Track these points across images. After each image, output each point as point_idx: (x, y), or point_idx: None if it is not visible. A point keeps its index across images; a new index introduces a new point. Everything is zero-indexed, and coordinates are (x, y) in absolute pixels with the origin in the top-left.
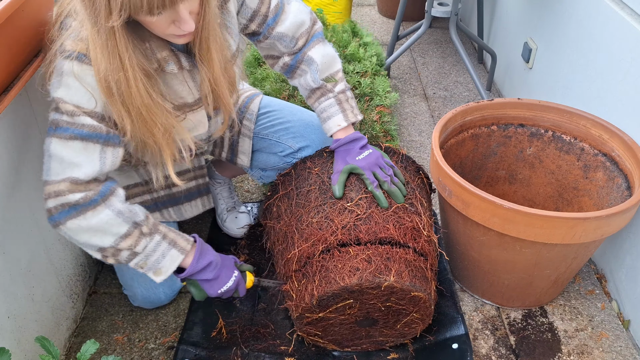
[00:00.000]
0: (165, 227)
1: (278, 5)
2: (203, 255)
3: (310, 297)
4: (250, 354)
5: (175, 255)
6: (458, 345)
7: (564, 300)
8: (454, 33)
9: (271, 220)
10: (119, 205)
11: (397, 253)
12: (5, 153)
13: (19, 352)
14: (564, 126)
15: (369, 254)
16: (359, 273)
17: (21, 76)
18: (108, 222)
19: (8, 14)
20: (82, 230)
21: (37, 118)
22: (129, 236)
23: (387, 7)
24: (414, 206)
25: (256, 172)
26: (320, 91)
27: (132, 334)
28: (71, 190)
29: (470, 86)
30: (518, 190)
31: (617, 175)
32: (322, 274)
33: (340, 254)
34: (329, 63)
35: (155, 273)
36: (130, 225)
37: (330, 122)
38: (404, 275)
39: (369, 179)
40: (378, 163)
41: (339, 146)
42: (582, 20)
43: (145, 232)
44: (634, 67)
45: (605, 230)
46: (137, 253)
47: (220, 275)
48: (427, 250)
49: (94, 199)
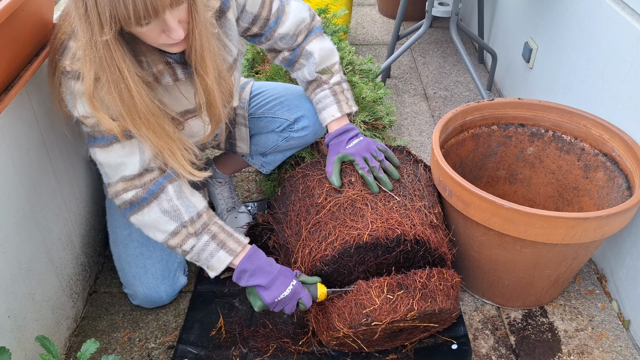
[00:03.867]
0: (218, 227)
1: (279, 9)
2: (252, 258)
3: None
4: (249, 354)
5: (223, 257)
6: (457, 345)
7: (564, 300)
8: (455, 33)
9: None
10: (166, 204)
11: (428, 277)
12: (5, 152)
13: (19, 351)
14: (565, 126)
15: (400, 283)
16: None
17: (22, 75)
18: (156, 220)
19: (9, 14)
20: (142, 225)
21: (37, 117)
22: (177, 234)
23: (387, 7)
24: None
25: (257, 160)
26: (316, 83)
27: (132, 333)
28: (125, 189)
29: (471, 86)
30: (518, 190)
31: (617, 175)
32: (354, 307)
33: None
34: (326, 56)
35: (209, 269)
36: (178, 224)
37: (325, 113)
38: (442, 301)
39: (359, 164)
40: (369, 149)
41: (331, 139)
42: (582, 20)
43: (192, 232)
44: (634, 67)
45: (606, 230)
46: (187, 251)
47: (275, 282)
48: (442, 252)
49: (144, 196)
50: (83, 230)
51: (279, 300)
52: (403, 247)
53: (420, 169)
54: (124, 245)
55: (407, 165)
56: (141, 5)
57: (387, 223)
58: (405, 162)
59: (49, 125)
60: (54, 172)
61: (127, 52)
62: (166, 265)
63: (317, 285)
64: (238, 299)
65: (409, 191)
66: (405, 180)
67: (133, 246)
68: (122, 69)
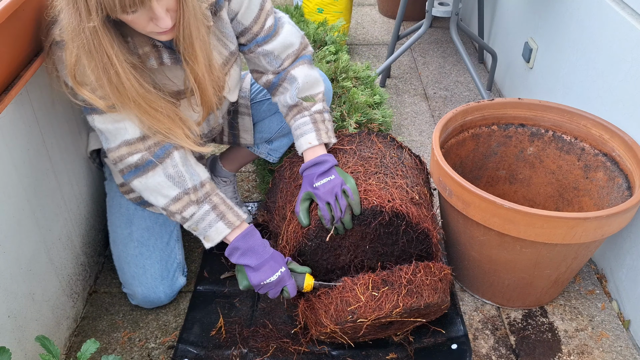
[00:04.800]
0: (220, 198)
1: (272, 27)
2: (247, 237)
3: (326, 324)
4: (249, 354)
5: (221, 228)
6: (457, 345)
7: (564, 300)
8: (455, 33)
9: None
10: (171, 169)
11: (414, 272)
12: (6, 152)
13: (19, 351)
14: (565, 126)
15: (386, 279)
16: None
17: (22, 75)
18: (160, 184)
19: (9, 13)
20: (144, 189)
21: (37, 117)
22: (178, 200)
23: (387, 7)
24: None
25: (263, 149)
26: (297, 108)
27: (132, 333)
28: (130, 153)
29: (471, 86)
30: (518, 190)
31: (617, 175)
32: (339, 304)
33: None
34: (311, 83)
35: (205, 239)
36: (180, 190)
37: (302, 140)
38: (429, 296)
39: (321, 210)
40: (335, 191)
41: (304, 170)
42: (582, 20)
43: (194, 199)
44: (634, 67)
45: (606, 230)
46: (186, 218)
47: (264, 265)
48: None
49: (150, 159)
50: (83, 230)
51: (264, 284)
52: (381, 219)
53: (404, 153)
54: (124, 245)
55: (391, 149)
56: None
57: (365, 195)
58: (388, 146)
59: (49, 125)
60: (54, 172)
61: (115, 38)
62: (165, 266)
63: (306, 275)
64: (238, 299)
65: (390, 170)
66: (388, 161)
67: (132, 246)
68: (110, 54)
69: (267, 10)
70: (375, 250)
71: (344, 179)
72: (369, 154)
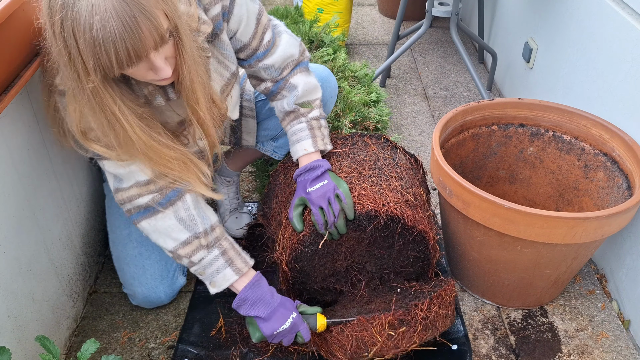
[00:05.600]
0: (229, 243)
1: (270, 41)
2: (255, 287)
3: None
4: (249, 354)
5: (229, 274)
6: (457, 346)
7: (564, 300)
8: (455, 33)
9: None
10: (183, 212)
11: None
12: (6, 152)
13: (19, 351)
14: (565, 126)
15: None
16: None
17: (22, 75)
18: (170, 227)
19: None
20: (152, 230)
21: (37, 117)
22: (188, 244)
23: (387, 7)
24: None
25: (268, 146)
26: (294, 114)
27: (133, 333)
28: (140, 194)
29: (471, 86)
30: (518, 190)
31: (617, 175)
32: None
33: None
34: (310, 90)
35: (211, 284)
36: (191, 234)
37: (298, 146)
38: (442, 325)
39: (315, 215)
40: (327, 196)
41: (298, 176)
42: (582, 20)
43: (204, 244)
44: (634, 67)
45: (606, 230)
46: (194, 262)
47: (274, 314)
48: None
49: (161, 202)
50: (83, 230)
51: (277, 333)
52: (376, 223)
53: (399, 154)
54: (123, 246)
55: (385, 150)
56: (123, 53)
57: (360, 200)
58: (382, 148)
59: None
60: (54, 172)
61: (117, 91)
62: (165, 266)
63: (317, 316)
64: None
65: (384, 173)
66: (382, 163)
67: (132, 246)
68: (114, 111)
69: (264, 25)
70: (372, 254)
71: (337, 184)
72: (363, 156)
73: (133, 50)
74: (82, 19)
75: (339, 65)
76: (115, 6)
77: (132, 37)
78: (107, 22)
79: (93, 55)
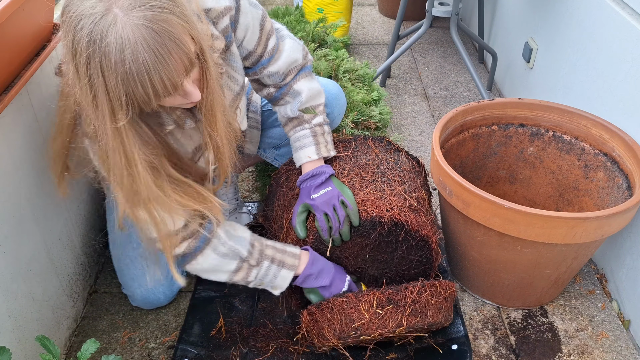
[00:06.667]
0: (273, 249)
1: (274, 47)
2: (315, 263)
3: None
4: (249, 354)
5: (286, 274)
6: (457, 346)
7: (565, 300)
8: (455, 33)
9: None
10: (222, 248)
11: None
12: (6, 152)
13: (19, 351)
14: (565, 126)
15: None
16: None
17: (22, 75)
18: (217, 265)
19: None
20: (201, 271)
21: (37, 117)
22: (239, 270)
23: (387, 7)
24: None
25: (270, 153)
26: (297, 120)
27: (133, 333)
28: (174, 244)
29: (471, 86)
30: (518, 190)
31: (617, 175)
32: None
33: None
34: (313, 96)
35: (273, 289)
36: (238, 261)
37: (301, 153)
38: (432, 315)
39: (319, 221)
40: (332, 202)
41: (301, 182)
42: (583, 20)
43: (253, 264)
44: (634, 67)
45: (606, 230)
46: (250, 281)
47: (334, 280)
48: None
49: (197, 246)
50: (83, 230)
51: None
52: (380, 230)
53: (401, 156)
54: (123, 246)
55: (388, 154)
56: (159, 85)
57: (364, 206)
58: (385, 151)
59: (49, 125)
60: None
61: (138, 133)
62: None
63: (360, 283)
64: (238, 299)
65: (387, 177)
66: (385, 167)
67: (131, 247)
68: (132, 154)
69: (267, 31)
70: (375, 258)
71: (341, 191)
72: (366, 160)
73: (168, 79)
74: (112, 54)
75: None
76: (145, 37)
77: (166, 67)
78: (139, 54)
79: (126, 91)
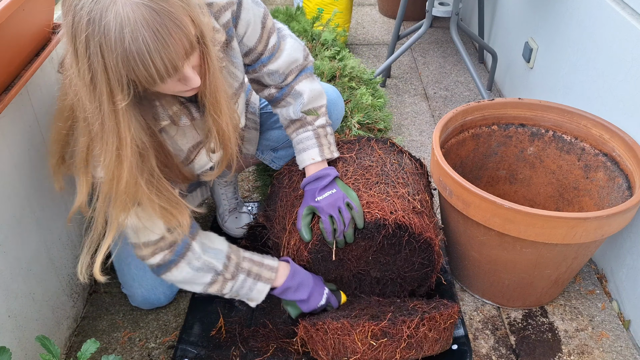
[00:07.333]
0: (250, 262)
1: (275, 45)
2: (295, 276)
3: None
4: (249, 354)
5: (262, 287)
6: (457, 346)
7: (565, 300)
8: (455, 33)
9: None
10: (196, 262)
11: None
12: (6, 152)
13: (19, 351)
14: (565, 126)
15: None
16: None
17: (22, 75)
18: (191, 277)
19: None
20: (176, 281)
21: (37, 117)
22: (214, 283)
23: (387, 7)
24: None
25: (267, 155)
26: (300, 122)
27: (133, 333)
28: (152, 254)
29: (471, 86)
30: (518, 190)
31: (617, 175)
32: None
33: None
34: (315, 97)
35: (249, 300)
36: (212, 274)
37: (305, 155)
38: (428, 349)
39: (324, 223)
40: (337, 205)
41: (305, 185)
42: (583, 20)
43: (228, 277)
44: (634, 67)
45: (606, 230)
46: (225, 293)
47: (312, 295)
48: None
49: (172, 259)
50: (83, 230)
51: (315, 309)
52: (384, 232)
53: (405, 158)
54: (123, 246)
55: (391, 155)
56: (160, 64)
57: (368, 208)
58: (388, 152)
59: (49, 125)
60: None
61: (134, 115)
62: None
63: (340, 292)
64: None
65: (391, 179)
66: (389, 169)
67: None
68: (124, 136)
69: (269, 29)
70: (378, 260)
71: (346, 193)
72: (369, 162)
73: (168, 60)
74: (111, 33)
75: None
76: (145, 16)
77: (166, 47)
78: (138, 33)
79: (126, 71)
